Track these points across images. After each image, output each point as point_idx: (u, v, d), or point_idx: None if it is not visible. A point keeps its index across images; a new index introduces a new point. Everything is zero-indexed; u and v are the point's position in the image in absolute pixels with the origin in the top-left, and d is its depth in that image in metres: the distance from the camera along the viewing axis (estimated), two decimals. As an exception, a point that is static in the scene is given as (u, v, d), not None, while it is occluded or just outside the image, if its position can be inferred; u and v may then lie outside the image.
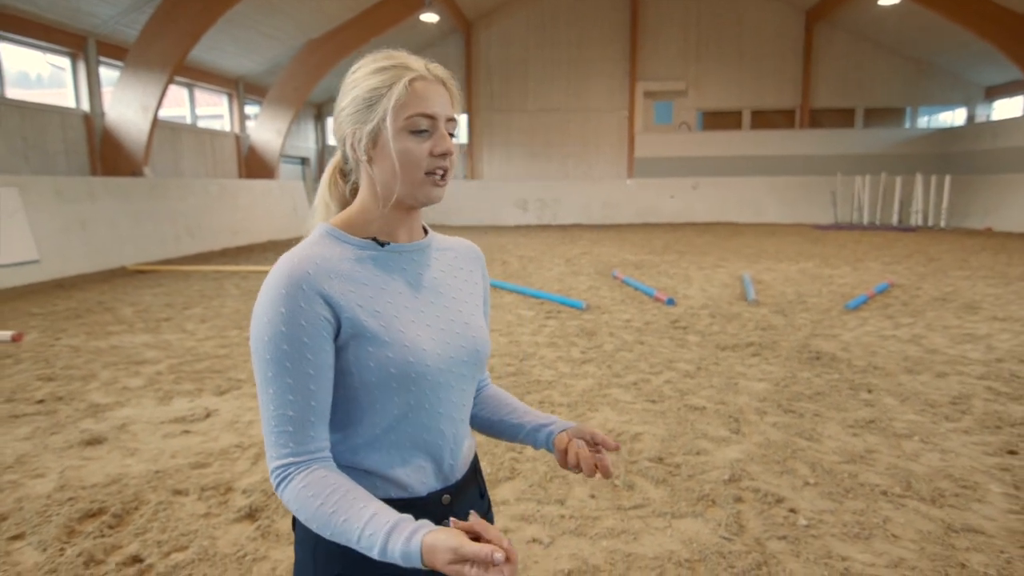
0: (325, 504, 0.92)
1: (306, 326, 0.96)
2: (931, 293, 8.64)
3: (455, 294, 1.13)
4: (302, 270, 0.98)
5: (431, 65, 1.05)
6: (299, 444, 0.96)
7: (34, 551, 2.67)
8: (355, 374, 1.00)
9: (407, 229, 1.10)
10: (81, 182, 11.82)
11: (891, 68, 23.31)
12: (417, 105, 1.00)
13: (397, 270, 1.07)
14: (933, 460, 3.44)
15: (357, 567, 1.00)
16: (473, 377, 1.12)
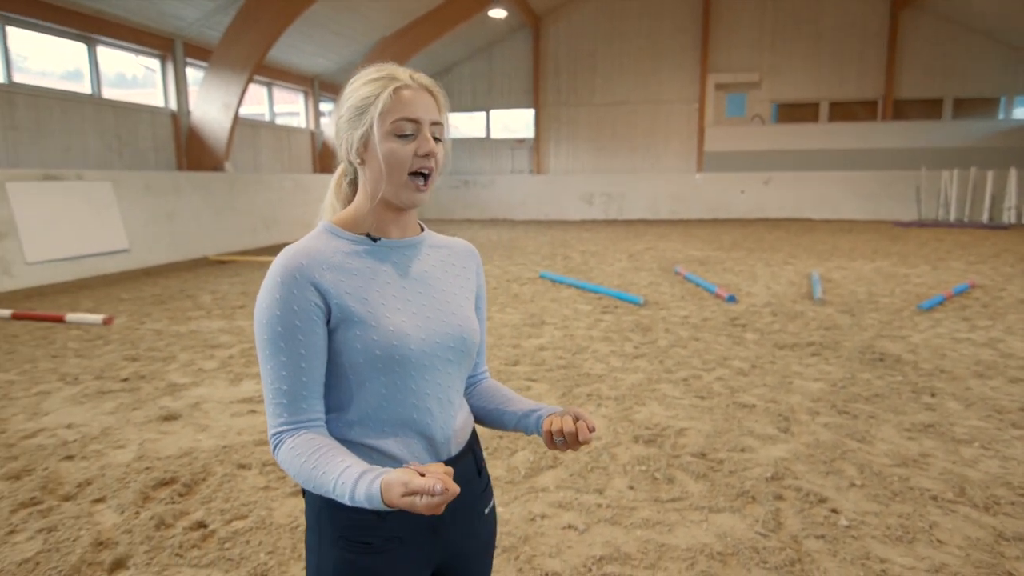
0: (308, 461, 1.04)
1: (298, 311, 1.08)
2: (1016, 295, 8.16)
3: (444, 287, 1.23)
4: (296, 262, 1.10)
5: (416, 75, 1.15)
6: (291, 414, 1.09)
7: (113, 513, 2.94)
8: (344, 355, 1.11)
9: (399, 226, 1.20)
10: (168, 177, 12.58)
11: (984, 55, 21.91)
12: (401, 111, 1.10)
13: (387, 263, 1.18)
14: (992, 467, 3.31)
15: (355, 530, 1.12)
16: (460, 362, 1.21)
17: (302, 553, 2.61)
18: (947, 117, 22.53)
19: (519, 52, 24.54)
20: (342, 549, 1.12)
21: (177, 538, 2.72)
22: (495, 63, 24.83)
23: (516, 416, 1.29)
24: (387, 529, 1.13)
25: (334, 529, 1.13)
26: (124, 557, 2.59)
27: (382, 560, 1.13)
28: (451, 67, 25.04)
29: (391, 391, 1.13)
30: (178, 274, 10.68)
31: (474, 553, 1.27)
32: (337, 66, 20.06)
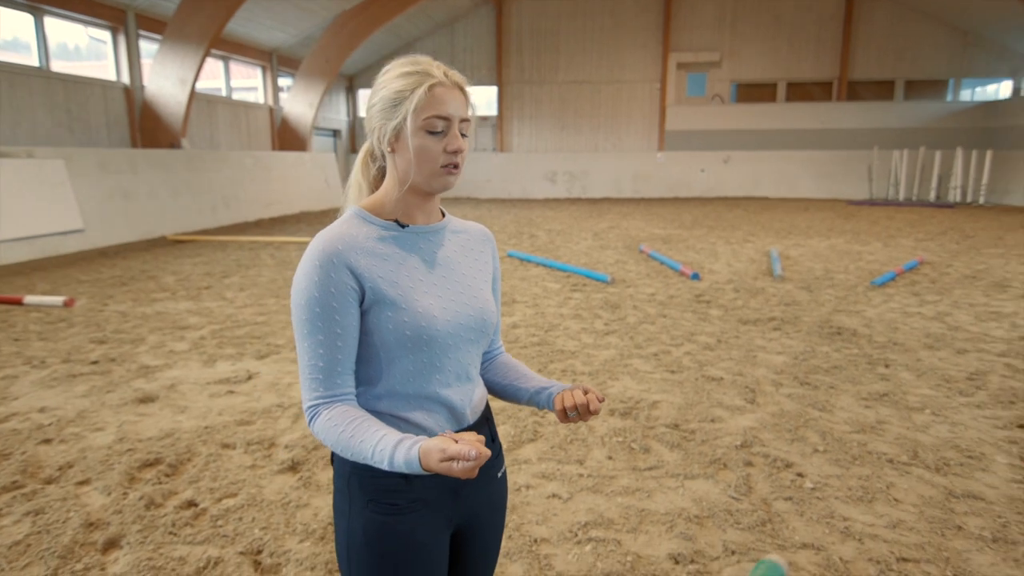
0: (345, 431, 1.12)
1: (335, 293, 1.15)
2: (961, 271, 8.58)
3: (465, 271, 1.30)
4: (333, 246, 1.17)
5: (450, 72, 1.20)
6: (327, 388, 1.16)
7: (99, 495, 2.95)
8: (376, 334, 1.19)
9: (424, 213, 1.27)
10: (123, 154, 12.21)
11: (935, 38, 22.59)
12: (434, 108, 1.16)
13: (415, 248, 1.25)
14: (942, 432, 3.55)
15: (383, 493, 1.20)
16: (479, 340, 1.30)
17: (296, 528, 2.68)
18: (899, 98, 23.21)
19: (482, 28, 24.32)
20: (372, 511, 1.21)
21: (169, 517, 2.76)
22: (457, 39, 24.57)
23: (529, 392, 1.38)
24: (412, 492, 1.21)
25: (364, 493, 1.21)
26: (117, 536, 2.62)
27: (408, 520, 1.21)
28: (412, 42, 24.68)
29: (418, 368, 1.20)
30: (137, 254, 10.43)
31: (488, 514, 1.36)
32: (296, 40, 19.60)
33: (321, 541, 2.59)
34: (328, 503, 2.87)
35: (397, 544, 1.21)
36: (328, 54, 19.05)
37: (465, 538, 1.34)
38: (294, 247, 11.17)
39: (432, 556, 1.25)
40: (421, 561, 1.23)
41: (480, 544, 1.37)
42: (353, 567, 1.23)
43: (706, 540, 2.57)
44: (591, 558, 2.46)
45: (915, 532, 2.61)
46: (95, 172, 11.41)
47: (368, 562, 1.21)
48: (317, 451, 3.38)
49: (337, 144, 24.72)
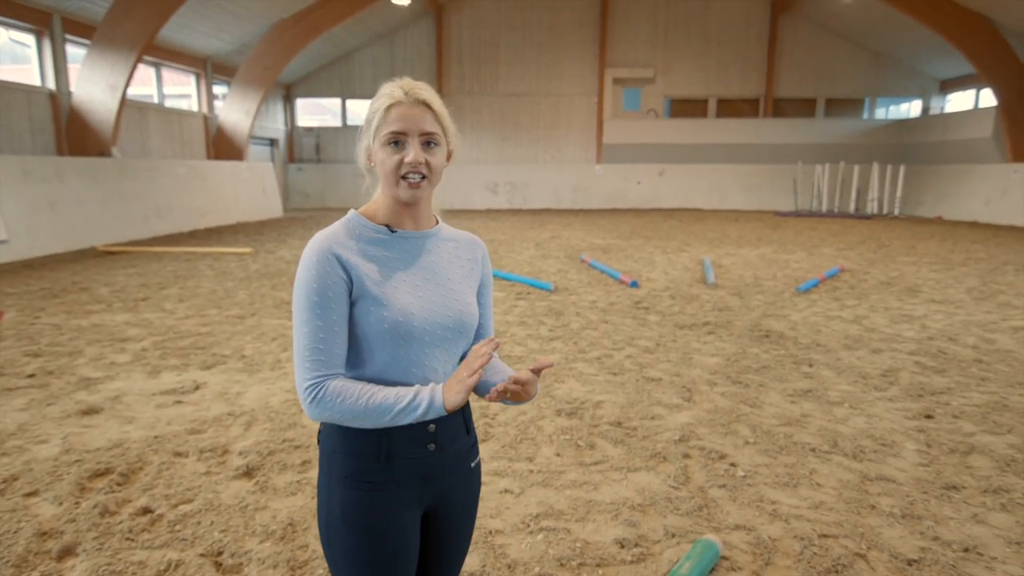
0: (359, 398, 1.27)
1: (331, 284, 1.29)
2: (878, 277, 9.20)
3: (449, 275, 1.44)
4: (328, 244, 1.32)
5: (414, 91, 1.34)
6: (327, 367, 1.30)
7: (50, 505, 2.93)
8: (360, 325, 1.33)
9: (412, 219, 1.41)
10: (49, 162, 11.75)
11: (852, 59, 24.02)
12: (390, 125, 1.32)
13: (401, 251, 1.39)
14: (859, 423, 3.88)
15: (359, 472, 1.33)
16: (456, 339, 1.43)
17: (255, 529, 2.73)
18: (820, 115, 24.55)
19: (422, 39, 24.44)
20: (348, 488, 1.33)
21: (125, 524, 2.76)
22: (397, 50, 24.60)
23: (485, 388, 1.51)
24: (386, 472, 1.34)
25: (342, 471, 1.33)
26: (72, 544, 2.62)
27: (380, 498, 1.34)
28: (351, 52, 24.58)
29: (396, 359, 1.33)
30: (65, 266, 10.05)
31: (461, 501, 1.49)
32: (232, 47, 19.25)
33: (281, 541, 2.65)
34: (287, 505, 2.93)
35: (371, 517, 1.33)
36: (265, 62, 18.78)
37: (437, 520, 1.46)
38: (233, 258, 10.98)
39: (403, 531, 1.37)
40: (393, 534, 1.35)
41: (451, 528, 1.49)
42: (332, 538, 1.35)
43: (648, 526, 2.77)
44: (543, 546, 2.62)
45: (834, 512, 2.88)
46: (19, 180, 10.94)
47: (344, 533, 1.34)
48: (272, 456, 3.42)
49: (275, 154, 24.30)
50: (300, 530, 2.73)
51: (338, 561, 1.36)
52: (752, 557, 2.54)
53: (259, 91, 19.24)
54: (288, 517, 2.83)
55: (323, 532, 1.37)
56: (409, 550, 1.39)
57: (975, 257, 11.32)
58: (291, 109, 25.14)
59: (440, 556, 1.49)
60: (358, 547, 1.34)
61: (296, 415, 4.01)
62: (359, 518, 1.33)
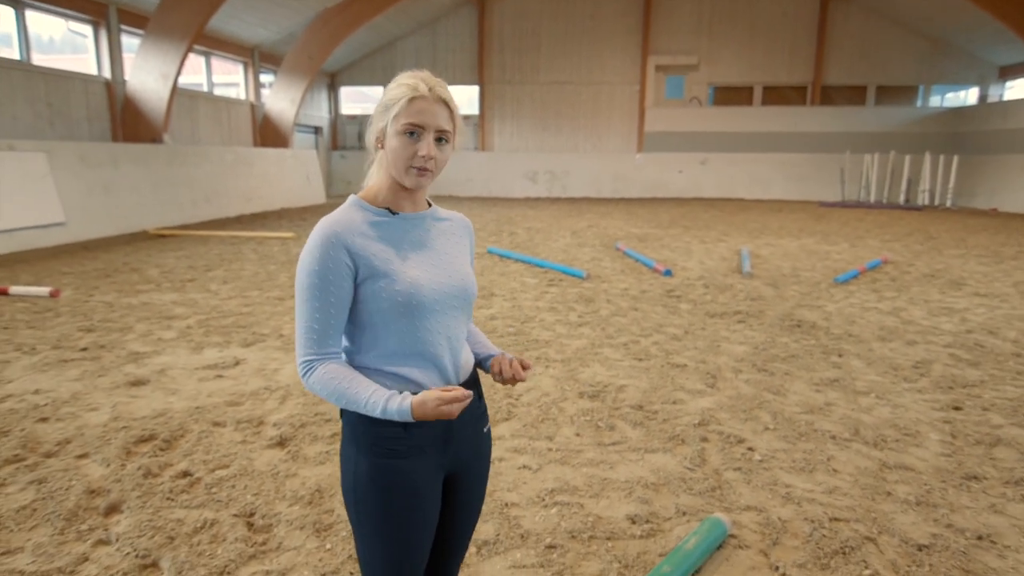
0: (341, 383, 1.37)
1: (332, 268, 1.38)
2: (922, 270, 8.97)
3: (447, 250, 1.54)
4: (332, 229, 1.40)
5: (437, 88, 1.43)
6: (320, 347, 1.40)
7: (98, 466, 3.15)
8: (373, 302, 1.42)
9: (411, 202, 1.51)
10: (104, 148, 12.25)
11: (905, 46, 23.22)
12: (411, 117, 1.40)
13: (403, 231, 1.48)
14: (884, 413, 3.86)
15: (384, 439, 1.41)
16: (462, 308, 1.52)
17: (285, 494, 2.90)
18: (870, 103, 23.82)
19: (464, 28, 24.52)
20: (375, 455, 1.43)
21: (166, 485, 2.96)
22: (439, 39, 24.74)
23: (479, 357, 1.62)
24: (410, 439, 1.43)
25: (368, 440, 1.43)
26: (118, 502, 2.82)
27: (406, 464, 1.43)
28: (394, 41, 24.82)
29: (409, 330, 1.43)
30: (118, 248, 10.51)
31: (475, 465, 1.58)
32: (278, 36, 19.66)
33: (309, 505, 2.81)
34: (315, 473, 3.09)
35: (397, 483, 1.43)
36: (310, 51, 19.13)
37: (455, 483, 1.56)
38: (276, 243, 11.31)
39: (428, 495, 1.47)
40: (419, 498, 1.45)
41: (468, 489, 1.59)
42: (360, 505, 1.45)
43: (661, 504, 2.83)
44: (556, 519, 2.71)
45: (848, 497, 2.89)
46: (76, 166, 11.45)
47: (373, 500, 1.43)
48: (304, 428, 3.59)
49: (319, 141, 24.77)
50: (327, 496, 2.88)
51: (364, 526, 1.45)
52: (760, 537, 2.59)
53: (304, 79, 19.62)
54: (316, 484, 2.98)
55: (349, 498, 1.47)
56: (432, 512, 1.49)
57: (1028, 251, 10.92)
58: (335, 97, 25.56)
59: (458, 517, 1.59)
60: (384, 511, 1.43)
61: (328, 391, 4.18)
62: (385, 484, 1.42)
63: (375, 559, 1.46)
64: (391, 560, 1.45)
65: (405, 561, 1.46)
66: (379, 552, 1.45)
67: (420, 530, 1.46)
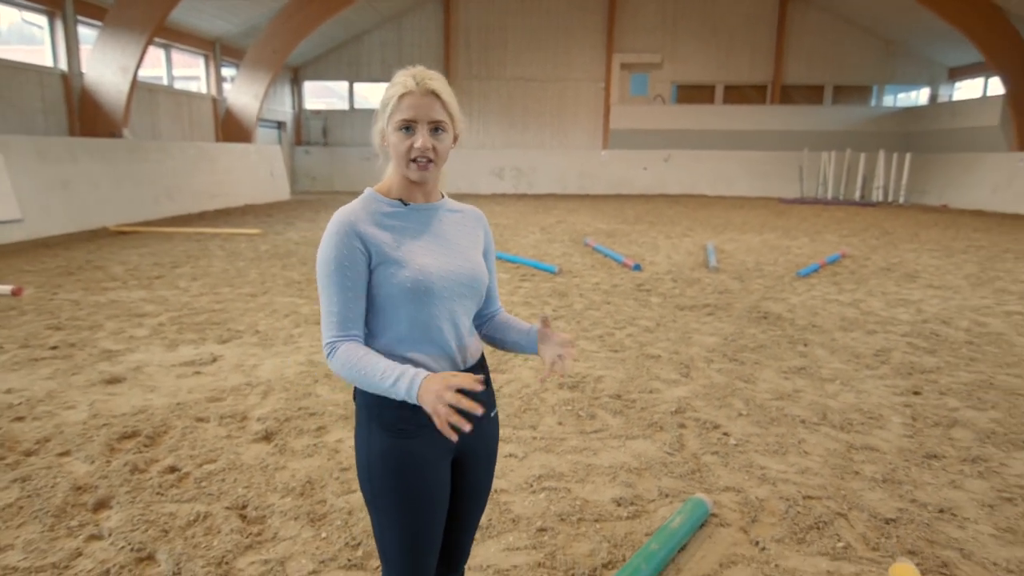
0: (359, 362, 1.42)
1: (347, 254, 1.45)
2: (878, 264, 9.32)
3: (458, 240, 1.61)
4: (347, 219, 1.48)
5: (425, 82, 1.49)
6: (341, 329, 1.47)
7: (82, 463, 3.13)
8: (384, 287, 1.49)
9: (422, 193, 1.58)
10: (62, 143, 11.92)
11: (860, 47, 23.93)
12: (402, 113, 1.48)
13: (414, 221, 1.55)
14: (849, 398, 4.05)
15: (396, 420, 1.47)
16: (470, 296, 1.59)
17: (276, 487, 2.93)
18: (827, 102, 24.50)
19: (430, 23, 24.43)
20: (387, 435, 1.49)
21: (154, 480, 2.96)
22: (405, 33, 24.61)
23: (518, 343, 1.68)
24: (419, 419, 1.50)
25: (380, 420, 1.50)
26: (106, 497, 2.81)
27: (416, 443, 1.50)
28: (360, 35, 24.60)
29: (419, 314, 1.50)
30: (79, 245, 10.25)
31: (484, 448, 1.65)
32: (240, 29, 19.33)
33: (301, 496, 2.84)
34: (304, 466, 3.13)
35: (408, 462, 1.49)
36: (274, 45, 18.86)
37: (464, 465, 1.62)
38: (243, 239, 11.16)
39: (438, 474, 1.53)
40: (427, 476, 1.51)
41: (476, 471, 1.65)
42: (374, 482, 1.51)
43: (644, 487, 2.95)
44: (545, 503, 2.80)
45: (819, 476, 3.05)
46: (33, 161, 11.12)
47: (386, 478, 1.49)
48: (288, 422, 3.61)
49: (282, 136, 24.41)
50: (318, 487, 2.92)
51: (378, 503, 1.52)
52: (740, 515, 2.72)
53: (268, 74, 19.33)
54: (307, 476, 3.01)
55: (363, 476, 1.53)
56: (442, 491, 1.55)
57: (976, 245, 11.42)
58: (299, 92, 25.22)
59: (467, 497, 1.65)
60: (396, 488, 1.49)
61: (310, 385, 4.20)
62: (396, 462, 1.49)
63: (390, 535, 1.52)
64: (405, 536, 1.52)
65: (419, 536, 1.53)
66: (394, 529, 1.52)
67: (432, 506, 1.53)
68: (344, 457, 3.21)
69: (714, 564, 2.40)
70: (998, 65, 17.65)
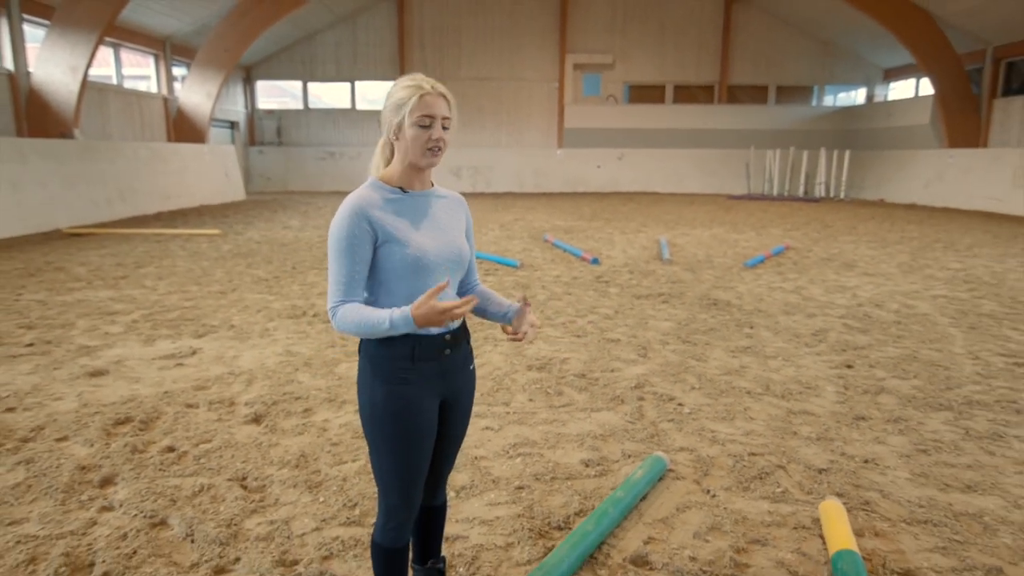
0: (359, 315, 1.70)
1: (357, 234, 1.74)
2: (819, 255, 9.93)
3: (447, 222, 1.90)
4: (358, 204, 1.76)
5: (437, 85, 1.80)
6: (346, 295, 1.75)
7: (82, 447, 3.29)
8: (388, 261, 1.77)
9: (419, 182, 1.86)
10: (11, 143, 11.68)
11: (800, 48, 24.94)
12: (423, 109, 1.76)
13: (412, 206, 1.84)
14: (789, 372, 4.47)
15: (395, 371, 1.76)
16: (457, 270, 1.90)
17: (272, 460, 3.16)
18: (771, 102, 25.45)
19: (384, 23, 24.48)
20: (387, 383, 1.78)
21: (155, 458, 3.16)
22: (359, 33, 24.60)
23: (496, 315, 1.98)
24: (414, 371, 1.79)
25: (381, 370, 1.78)
26: (111, 475, 3.00)
27: (411, 389, 1.79)
28: (313, 34, 24.48)
29: (416, 285, 1.79)
30: (33, 247, 10.11)
31: (465, 393, 1.95)
32: (191, 28, 19.08)
33: (296, 468, 3.08)
34: (296, 442, 3.36)
35: (403, 404, 1.79)
36: (226, 43, 18.67)
37: (448, 408, 1.93)
38: (203, 240, 11.16)
39: (428, 415, 1.83)
40: (419, 417, 1.81)
41: (457, 412, 1.96)
42: (375, 423, 1.80)
43: (608, 450, 3.28)
44: (521, 466, 3.11)
45: (762, 437, 3.43)
46: (-18, 162, 10.89)
47: (384, 417, 1.79)
48: (275, 406, 3.83)
49: (235, 136, 24.13)
50: (311, 460, 3.16)
51: (378, 440, 1.81)
52: (693, 469, 3.08)
53: (220, 73, 19.13)
54: (299, 451, 3.25)
55: (365, 415, 1.82)
56: (431, 429, 1.85)
57: (909, 236, 12.20)
58: (251, 91, 24.95)
59: (450, 434, 1.97)
60: (394, 428, 1.79)
61: (291, 373, 4.42)
62: (394, 405, 1.78)
63: (388, 466, 1.82)
64: (400, 467, 1.82)
65: (411, 466, 1.83)
66: (390, 460, 1.81)
67: (422, 441, 1.83)
68: (333, 434, 3.46)
69: (671, 509, 2.74)
70: (928, 67, 18.70)
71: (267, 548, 2.46)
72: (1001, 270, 8.66)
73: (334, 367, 4.56)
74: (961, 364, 4.70)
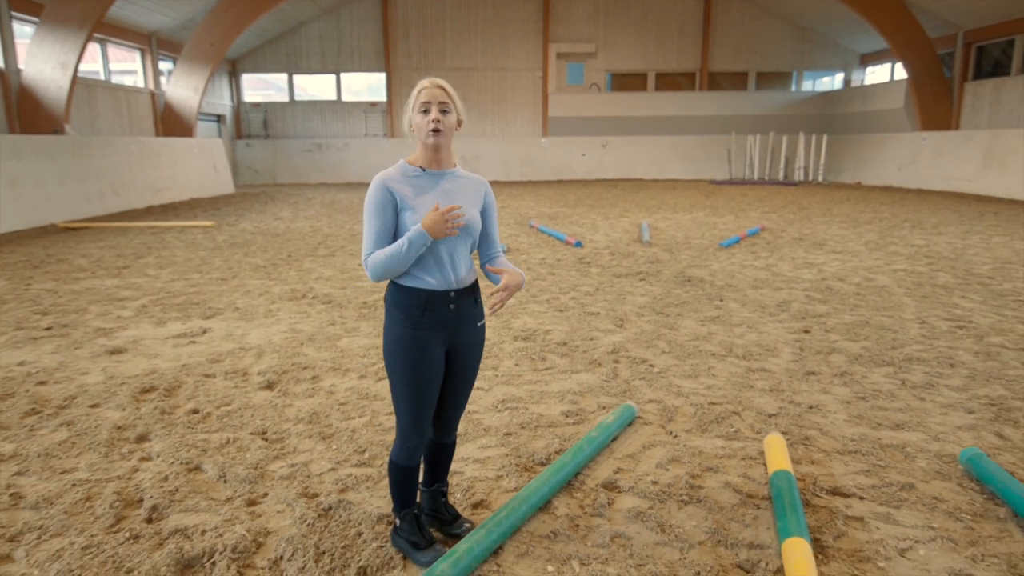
0: (382, 254, 2.12)
1: (380, 200, 2.16)
2: (792, 235, 10.39)
3: (459, 197, 2.29)
4: (384, 178, 2.18)
5: (436, 79, 2.20)
6: (374, 247, 2.16)
7: (114, 411, 3.68)
8: (404, 227, 2.18)
9: (437, 162, 2.26)
10: (6, 140, 11.90)
11: (779, 34, 25.38)
12: (421, 98, 2.18)
13: (430, 182, 2.24)
14: (752, 338, 4.91)
15: (409, 317, 2.17)
16: (466, 238, 2.27)
17: (288, 417, 3.55)
18: (751, 88, 25.89)
19: (368, 14, 24.64)
20: (402, 327, 2.19)
21: (183, 419, 3.55)
22: (344, 25, 24.75)
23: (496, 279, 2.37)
24: (424, 319, 2.19)
25: (399, 314, 2.19)
26: (145, 432, 3.39)
27: (422, 332, 2.20)
28: (298, 27, 24.62)
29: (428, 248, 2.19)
30: (32, 241, 10.39)
31: (470, 346, 2.34)
32: (177, 23, 19.22)
33: (310, 424, 3.48)
34: (308, 404, 3.76)
35: (415, 345, 2.19)
36: (212, 37, 18.84)
37: (455, 356, 2.32)
38: (197, 231, 11.46)
39: (435, 356, 2.23)
40: (427, 358, 2.21)
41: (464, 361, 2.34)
42: (393, 358, 2.21)
43: (586, 403, 3.70)
44: (508, 418, 3.52)
45: (723, 391, 3.87)
46: (-22, 158, 11.12)
47: (399, 352, 2.20)
48: (286, 374, 4.22)
49: (222, 129, 24.28)
50: (323, 417, 3.56)
51: (395, 373, 2.23)
52: (659, 416, 3.51)
53: (206, 67, 19.30)
54: (311, 410, 3.65)
55: (387, 354, 2.24)
56: (437, 368, 2.25)
57: (880, 217, 12.70)
58: (237, 85, 25.08)
59: (457, 379, 2.35)
60: (406, 363, 2.20)
61: (297, 347, 4.80)
62: (408, 343, 2.19)
63: (402, 394, 2.23)
64: (411, 394, 2.23)
65: (422, 396, 2.24)
66: (402, 389, 2.23)
67: (430, 376, 2.23)
68: (340, 396, 3.86)
69: (638, 446, 3.17)
70: (901, 52, 19.20)
71: (291, 485, 2.86)
72: (962, 246, 9.16)
73: (336, 341, 4.95)
74: (908, 328, 5.17)
